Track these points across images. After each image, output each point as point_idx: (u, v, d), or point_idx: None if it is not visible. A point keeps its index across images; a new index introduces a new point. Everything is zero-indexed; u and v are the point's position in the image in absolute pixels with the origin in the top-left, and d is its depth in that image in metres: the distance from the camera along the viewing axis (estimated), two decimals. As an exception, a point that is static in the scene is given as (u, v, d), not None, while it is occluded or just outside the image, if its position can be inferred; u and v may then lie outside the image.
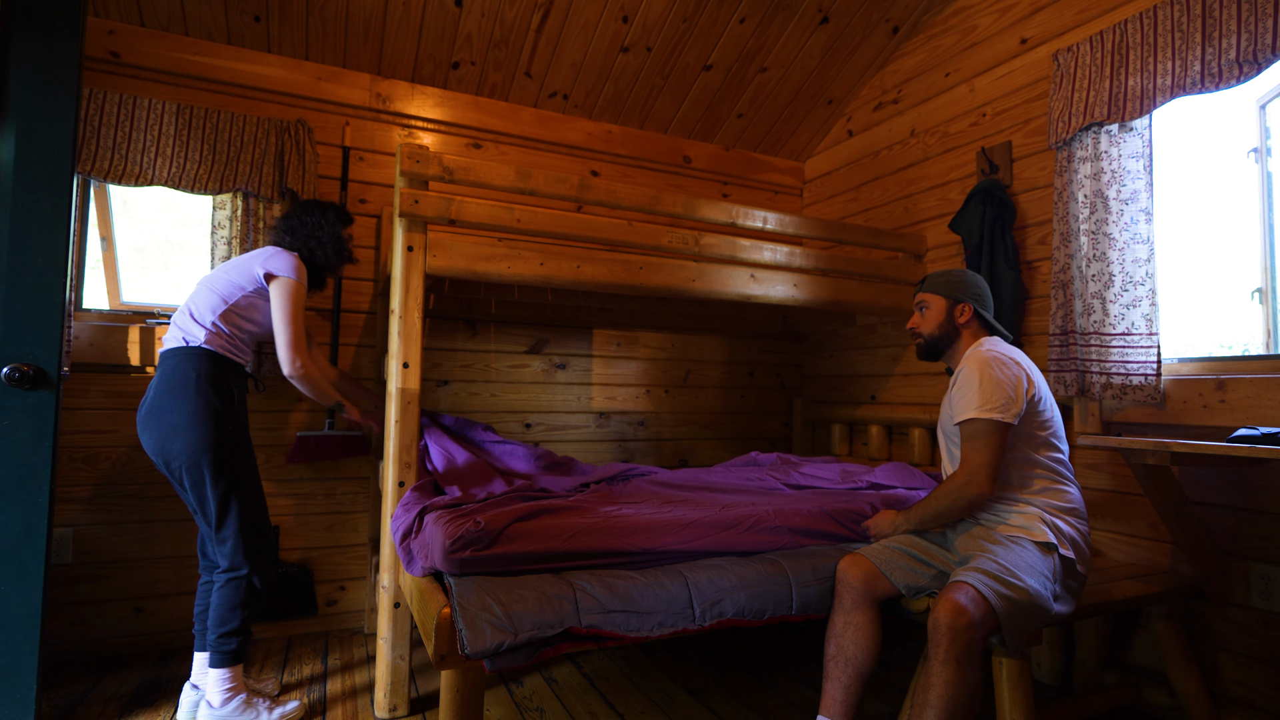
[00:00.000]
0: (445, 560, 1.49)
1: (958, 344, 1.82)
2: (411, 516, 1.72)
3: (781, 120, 3.42)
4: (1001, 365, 1.64)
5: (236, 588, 1.84)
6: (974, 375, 1.64)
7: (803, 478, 2.44)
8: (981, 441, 1.60)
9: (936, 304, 1.83)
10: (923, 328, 1.85)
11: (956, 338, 1.81)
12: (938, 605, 1.44)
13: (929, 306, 1.84)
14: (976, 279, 1.84)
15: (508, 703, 2.08)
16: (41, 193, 1.59)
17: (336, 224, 2.11)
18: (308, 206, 2.11)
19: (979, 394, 1.61)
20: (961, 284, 1.81)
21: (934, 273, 1.88)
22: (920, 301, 1.87)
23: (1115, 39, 2.08)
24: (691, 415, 3.41)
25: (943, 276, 1.85)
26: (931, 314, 1.84)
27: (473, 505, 1.72)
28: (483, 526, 1.51)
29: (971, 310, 1.79)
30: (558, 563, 1.58)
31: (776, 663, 2.42)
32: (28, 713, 1.55)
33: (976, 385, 1.62)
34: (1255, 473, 1.87)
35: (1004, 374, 1.62)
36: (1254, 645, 1.86)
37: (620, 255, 2.21)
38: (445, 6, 2.59)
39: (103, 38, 2.42)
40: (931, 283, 1.85)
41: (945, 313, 1.81)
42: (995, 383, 1.61)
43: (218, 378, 1.84)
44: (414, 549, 1.65)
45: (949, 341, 1.82)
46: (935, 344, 1.83)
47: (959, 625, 1.39)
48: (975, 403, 1.61)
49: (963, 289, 1.81)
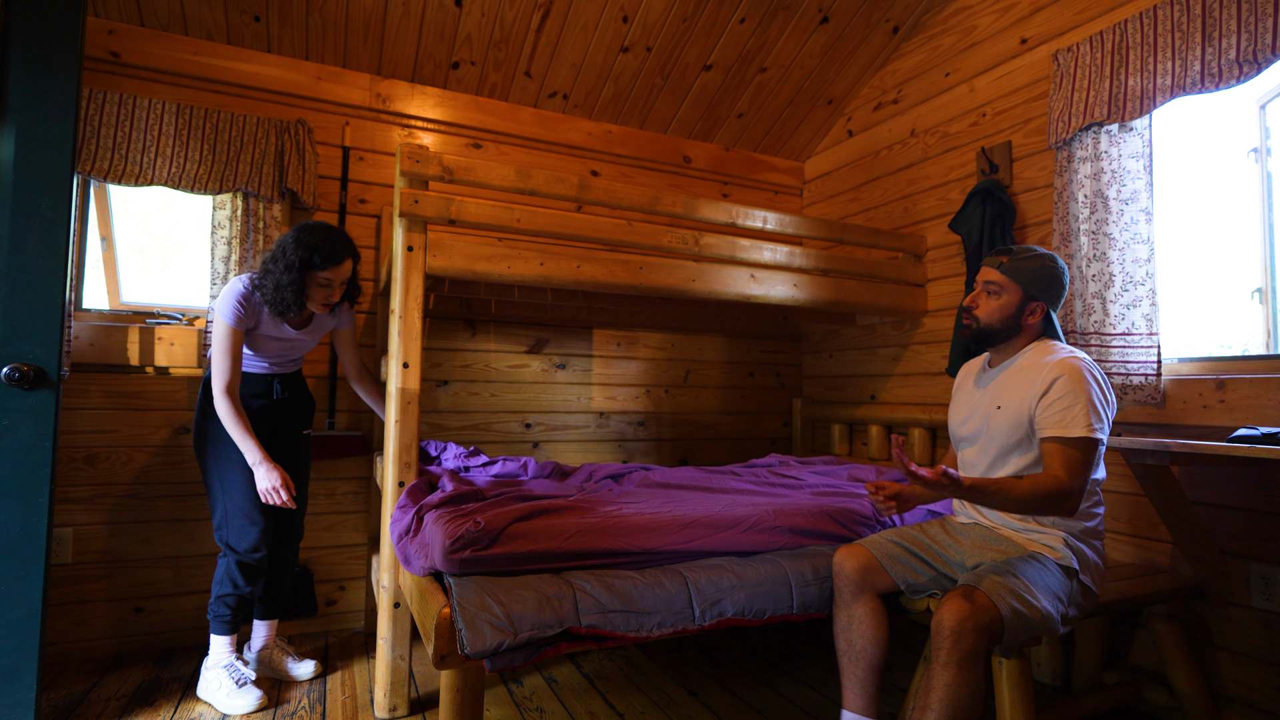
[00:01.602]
0: (445, 560, 1.49)
1: (1014, 340, 1.64)
2: (410, 516, 1.72)
3: (781, 120, 3.42)
4: (1101, 383, 1.50)
5: (220, 566, 2.07)
6: (1079, 388, 1.47)
7: (803, 477, 2.44)
8: (1084, 460, 1.45)
9: (1011, 293, 1.60)
10: (982, 313, 1.64)
11: (1016, 334, 1.63)
12: (943, 606, 1.41)
13: (1001, 293, 1.61)
14: (1063, 274, 1.61)
15: (508, 703, 2.08)
16: (41, 193, 1.59)
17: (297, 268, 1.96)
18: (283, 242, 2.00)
19: (1089, 411, 1.45)
20: (1047, 280, 1.59)
21: (1021, 251, 1.62)
22: (992, 283, 1.62)
23: (1115, 39, 2.08)
24: (691, 415, 3.41)
25: (1031, 262, 1.60)
26: (1001, 303, 1.61)
27: (472, 505, 1.72)
28: (483, 526, 1.51)
29: (1043, 312, 1.62)
30: (558, 562, 1.58)
31: (776, 663, 2.42)
32: (28, 713, 1.55)
33: (1086, 400, 1.46)
34: (1255, 473, 1.87)
35: (1107, 394, 1.50)
36: (1254, 645, 1.86)
37: (620, 255, 2.21)
38: (445, 6, 2.59)
39: (103, 38, 2.42)
40: (1015, 266, 1.60)
41: (1016, 307, 1.61)
42: (1101, 400, 1.48)
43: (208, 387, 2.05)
44: (412, 549, 1.65)
45: (1006, 337, 1.64)
46: (991, 335, 1.64)
47: (964, 629, 1.36)
48: (1085, 420, 1.45)
49: (1045, 287, 1.60)
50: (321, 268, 1.99)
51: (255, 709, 2.00)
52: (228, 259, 2.46)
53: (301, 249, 1.96)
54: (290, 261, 1.96)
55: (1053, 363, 1.53)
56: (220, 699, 2.01)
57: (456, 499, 1.76)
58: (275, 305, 1.98)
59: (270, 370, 2.18)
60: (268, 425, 2.17)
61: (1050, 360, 1.54)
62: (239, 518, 2.04)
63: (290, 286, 1.96)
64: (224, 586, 2.05)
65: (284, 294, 1.97)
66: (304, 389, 2.31)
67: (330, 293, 2.06)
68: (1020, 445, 1.59)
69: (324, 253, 1.98)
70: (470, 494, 1.82)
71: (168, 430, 2.48)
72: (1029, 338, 1.64)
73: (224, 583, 2.05)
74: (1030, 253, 1.61)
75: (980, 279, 1.66)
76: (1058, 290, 1.61)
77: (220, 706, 2.01)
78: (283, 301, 1.97)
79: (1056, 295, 1.61)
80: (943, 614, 1.40)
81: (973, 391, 1.74)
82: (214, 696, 2.03)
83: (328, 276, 2.01)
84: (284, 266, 1.96)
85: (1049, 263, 1.60)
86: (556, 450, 3.10)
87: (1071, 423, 1.46)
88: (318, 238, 1.98)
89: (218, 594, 2.06)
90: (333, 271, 2.01)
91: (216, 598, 2.06)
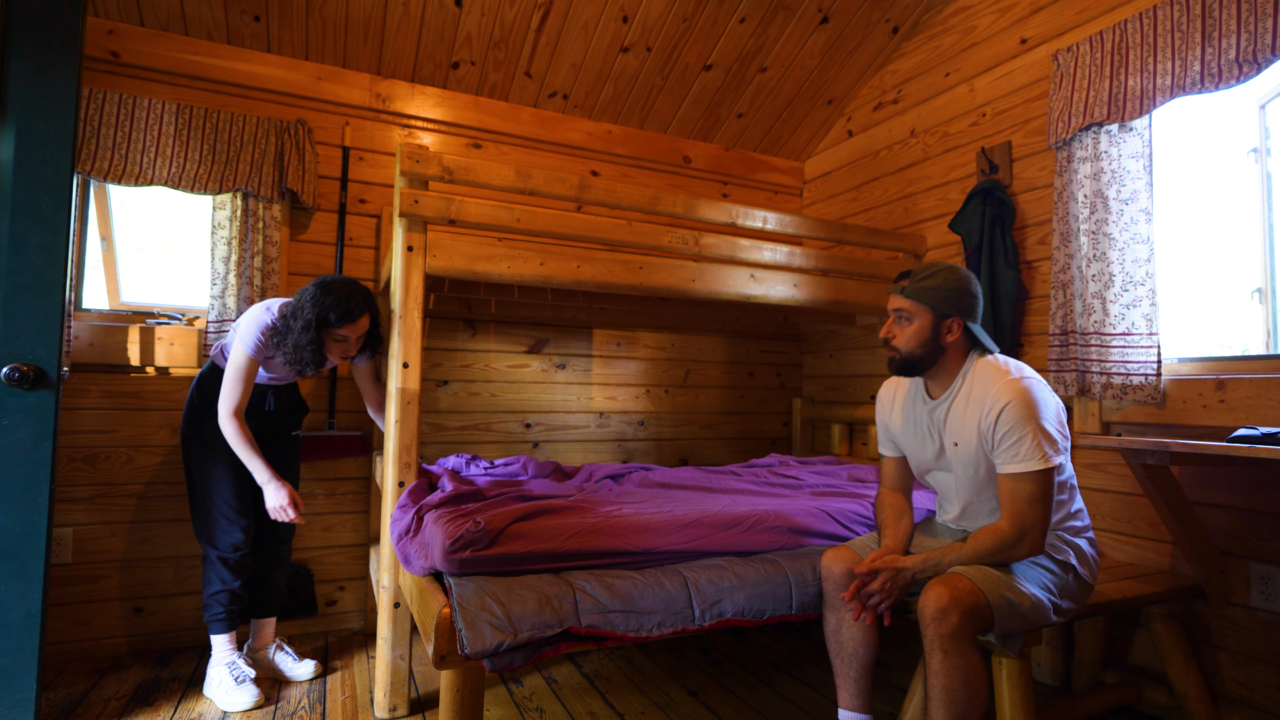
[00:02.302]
0: (445, 560, 1.49)
1: (942, 362, 1.57)
2: (410, 516, 1.72)
3: (781, 120, 3.42)
4: (1046, 400, 1.46)
5: (204, 566, 2.10)
6: (1028, 414, 1.42)
7: (802, 478, 2.44)
8: (1041, 494, 1.42)
9: (921, 317, 1.54)
10: (900, 342, 1.57)
11: (940, 356, 1.56)
12: (925, 594, 1.41)
13: (910, 318, 1.55)
14: (969, 282, 1.56)
15: (508, 703, 2.08)
16: (41, 193, 1.59)
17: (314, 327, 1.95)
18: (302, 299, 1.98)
19: (1040, 440, 1.41)
20: (954, 295, 1.53)
21: (919, 271, 1.56)
22: (899, 310, 1.57)
23: (1115, 39, 2.08)
24: (691, 415, 3.41)
25: (930, 280, 1.54)
26: (913, 329, 1.55)
27: (472, 505, 1.72)
28: (482, 527, 1.51)
29: (961, 327, 1.54)
30: (558, 563, 1.58)
31: (776, 663, 2.42)
32: (28, 713, 1.55)
33: (1035, 428, 1.42)
34: (1255, 473, 1.87)
35: (1053, 412, 1.46)
36: (1254, 645, 1.86)
37: (620, 255, 2.21)
38: (445, 6, 2.59)
39: (103, 37, 2.42)
40: (916, 289, 1.54)
41: (930, 330, 1.54)
42: (1050, 423, 1.44)
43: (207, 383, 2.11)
44: (412, 549, 1.65)
45: (931, 361, 1.57)
46: (915, 364, 1.57)
47: (945, 613, 1.36)
48: (1037, 453, 1.41)
49: (954, 301, 1.53)
50: (338, 325, 1.98)
51: (252, 706, 2.00)
52: (227, 259, 2.46)
53: (318, 307, 1.95)
54: (308, 320, 1.94)
55: (996, 389, 1.47)
56: (220, 696, 2.03)
57: (456, 499, 1.76)
58: (294, 364, 1.98)
59: (268, 382, 2.19)
60: (258, 426, 2.18)
61: (994, 388, 1.48)
62: (222, 517, 2.07)
63: (308, 346, 1.96)
64: (213, 585, 2.08)
65: (303, 354, 1.97)
66: (297, 396, 2.32)
67: (346, 347, 2.06)
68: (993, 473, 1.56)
69: (340, 311, 1.96)
70: (470, 494, 1.82)
71: (168, 430, 2.48)
72: (957, 356, 1.57)
73: (211, 582, 2.08)
74: (930, 270, 1.56)
75: (889, 307, 1.61)
76: (969, 301, 1.54)
77: (220, 704, 2.02)
78: (301, 360, 1.98)
79: (969, 306, 1.54)
80: (924, 601, 1.40)
81: (919, 420, 1.66)
82: (215, 694, 2.04)
83: (343, 334, 2.01)
84: (301, 326, 1.95)
85: (951, 276, 1.54)
86: (556, 450, 3.10)
87: (1026, 456, 1.43)
88: (334, 296, 1.96)
89: (209, 594, 2.08)
90: (349, 329, 2.01)
91: (208, 597, 2.08)
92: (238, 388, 2.01)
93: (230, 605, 2.09)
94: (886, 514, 1.73)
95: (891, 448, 1.79)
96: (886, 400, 1.79)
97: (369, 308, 2.06)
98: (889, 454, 1.80)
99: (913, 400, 1.69)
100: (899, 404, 1.75)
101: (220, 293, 2.45)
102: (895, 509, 1.73)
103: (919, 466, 1.73)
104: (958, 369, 1.58)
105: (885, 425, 1.79)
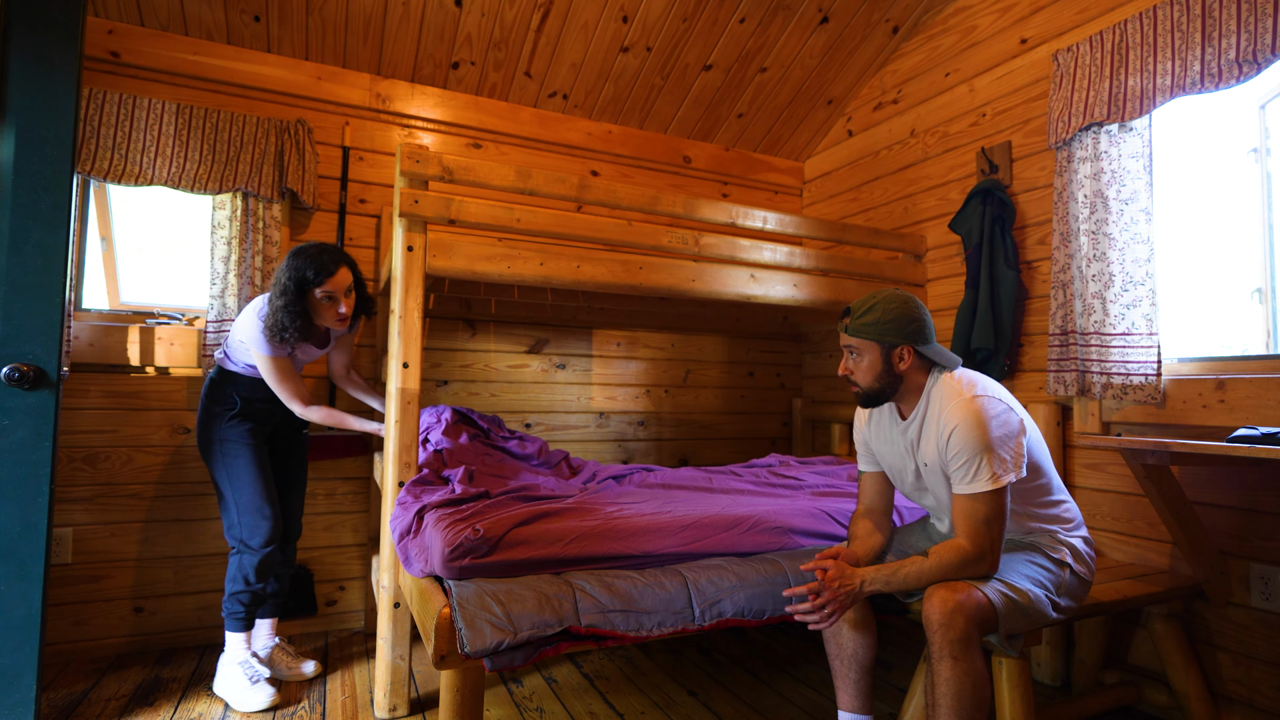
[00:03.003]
0: (445, 567, 1.49)
1: (904, 388, 1.59)
2: (410, 516, 1.72)
3: (781, 120, 3.42)
4: (997, 417, 1.46)
5: (233, 563, 2.07)
6: (975, 434, 1.44)
7: (802, 478, 2.44)
8: (994, 514, 1.43)
9: (869, 352, 1.56)
10: (858, 377, 1.59)
11: (900, 383, 1.58)
12: (929, 599, 1.40)
13: (861, 354, 1.57)
14: (910, 307, 1.55)
15: (508, 702, 2.08)
16: (41, 193, 1.59)
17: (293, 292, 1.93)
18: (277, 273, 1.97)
19: (989, 461, 1.42)
20: (895, 324, 1.53)
21: (857, 308, 1.58)
22: (849, 346, 1.59)
23: (1115, 39, 2.08)
24: (691, 415, 3.41)
25: (868, 315, 1.55)
26: (866, 363, 1.57)
27: (473, 506, 1.72)
28: (482, 535, 1.51)
29: (912, 353, 1.55)
30: (558, 568, 1.58)
31: (776, 663, 2.42)
32: (28, 713, 1.55)
33: (984, 450, 1.43)
34: (1255, 473, 1.87)
35: (1005, 429, 1.46)
36: (1254, 645, 1.86)
37: (620, 255, 2.21)
38: (445, 6, 2.59)
39: (103, 38, 2.42)
40: (858, 326, 1.56)
41: (881, 361, 1.56)
42: (1000, 442, 1.44)
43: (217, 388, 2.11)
44: (413, 549, 1.65)
45: (892, 390, 1.58)
46: (879, 395, 1.59)
47: (951, 619, 1.36)
48: (986, 473, 1.42)
49: (897, 329, 1.53)
50: (317, 282, 1.94)
51: (268, 706, 2.00)
52: (227, 259, 2.46)
53: (293, 271, 1.93)
54: (285, 286, 1.92)
55: (949, 410, 1.49)
56: (234, 695, 2.02)
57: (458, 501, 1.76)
58: (276, 333, 1.93)
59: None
60: (272, 423, 2.19)
61: (948, 409, 1.49)
62: (250, 514, 2.05)
63: (285, 310, 1.91)
64: (237, 584, 2.06)
65: (280, 318, 1.92)
66: None
67: (338, 306, 2.02)
68: None
69: (316, 267, 1.93)
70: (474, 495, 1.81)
71: (168, 430, 2.48)
72: (918, 378, 1.58)
73: (236, 580, 2.06)
74: (869, 305, 1.57)
75: (840, 344, 1.66)
76: (914, 326, 1.54)
77: (234, 703, 2.02)
78: (281, 327, 1.92)
79: (915, 331, 1.54)
80: (929, 607, 1.39)
81: (895, 440, 1.67)
82: (228, 693, 2.04)
83: (328, 290, 1.97)
84: (279, 292, 1.92)
85: (890, 306, 1.55)
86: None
87: (976, 477, 1.44)
88: (305, 257, 1.95)
89: (231, 591, 2.06)
90: (330, 284, 1.97)
91: (230, 595, 2.07)
92: (287, 385, 2.04)
93: (251, 605, 2.08)
94: (858, 528, 1.71)
95: (870, 462, 1.76)
96: (863, 417, 1.78)
97: (344, 260, 2.02)
98: (868, 469, 1.77)
99: (889, 420, 1.69)
100: (877, 422, 1.74)
101: (220, 292, 2.45)
102: (865, 528, 1.71)
103: (903, 488, 1.71)
104: (921, 388, 1.59)
105: (865, 441, 1.77)
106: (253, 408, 2.13)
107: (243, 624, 2.08)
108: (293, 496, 2.27)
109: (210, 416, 2.09)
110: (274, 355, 2.00)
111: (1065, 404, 2.26)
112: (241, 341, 2.05)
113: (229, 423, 2.08)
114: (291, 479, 2.27)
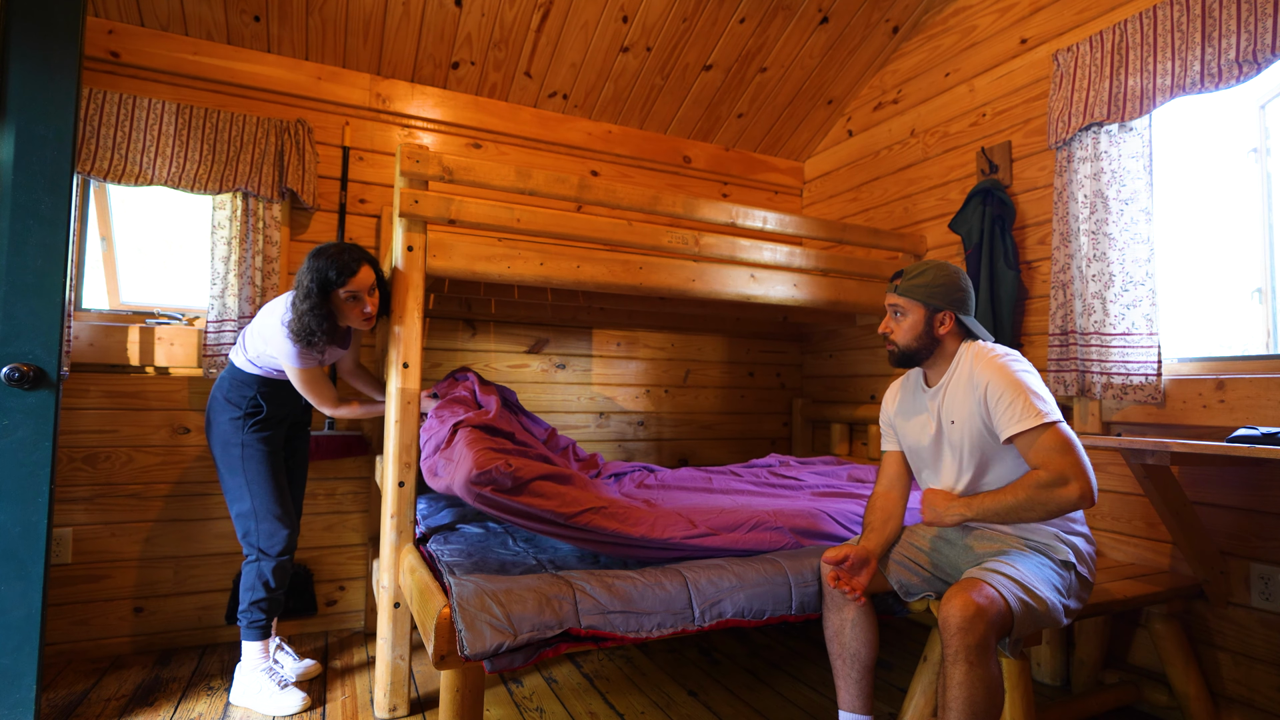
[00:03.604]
0: (465, 488, 1.52)
1: (938, 353, 1.67)
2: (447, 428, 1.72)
3: (781, 120, 3.42)
4: (1026, 370, 1.54)
5: (250, 571, 2.04)
6: (1010, 381, 1.50)
7: (803, 478, 2.44)
8: (1058, 444, 1.44)
9: (914, 312, 1.65)
10: (897, 336, 1.68)
11: (936, 347, 1.66)
12: (948, 602, 1.38)
13: (905, 314, 1.66)
14: (959, 277, 1.66)
15: (508, 703, 2.08)
16: (41, 193, 1.59)
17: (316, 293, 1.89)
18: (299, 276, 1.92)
19: (1030, 399, 1.47)
20: (943, 289, 1.63)
21: (911, 270, 1.67)
22: (894, 306, 1.68)
23: (1115, 39, 2.08)
24: (691, 415, 3.41)
25: (920, 278, 1.65)
26: (908, 323, 1.65)
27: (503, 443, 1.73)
28: (513, 470, 1.53)
29: (953, 320, 1.64)
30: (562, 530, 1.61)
31: (776, 663, 2.42)
32: (28, 713, 1.55)
33: (1022, 391, 1.48)
34: (1255, 473, 1.87)
35: (1034, 377, 1.53)
36: (1254, 645, 1.86)
37: (620, 255, 2.21)
38: (445, 6, 2.59)
39: (103, 37, 2.42)
40: (908, 286, 1.66)
41: (924, 323, 1.64)
42: (1033, 387, 1.50)
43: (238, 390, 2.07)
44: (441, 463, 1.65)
45: (928, 353, 1.67)
46: (912, 355, 1.67)
47: (971, 623, 1.33)
48: (1032, 410, 1.46)
49: (944, 295, 1.63)
50: (340, 283, 1.89)
51: (300, 709, 1.98)
52: (227, 259, 2.46)
53: (315, 273, 1.88)
54: (308, 289, 1.87)
55: (980, 368, 1.57)
56: (263, 702, 1.99)
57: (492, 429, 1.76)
58: (304, 338, 1.88)
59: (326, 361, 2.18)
60: (289, 420, 2.17)
61: (979, 367, 1.57)
62: (269, 520, 2.02)
63: (309, 313, 1.87)
64: (256, 592, 2.02)
65: (305, 321, 1.87)
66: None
67: (362, 305, 1.96)
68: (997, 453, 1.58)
69: (338, 268, 1.89)
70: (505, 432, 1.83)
71: (168, 430, 2.48)
72: (952, 346, 1.66)
73: (256, 588, 2.02)
74: (921, 269, 1.67)
75: (885, 304, 1.72)
76: (959, 295, 1.64)
77: (263, 710, 1.98)
78: (309, 331, 1.88)
79: (960, 300, 1.64)
80: (948, 610, 1.37)
81: (919, 408, 1.73)
82: (255, 700, 2.00)
83: (352, 290, 1.92)
84: (303, 295, 1.88)
85: (941, 272, 1.65)
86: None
87: (1023, 414, 1.48)
88: (327, 257, 1.90)
89: (251, 600, 2.02)
90: (354, 283, 1.91)
91: (250, 604, 2.02)
92: (321, 390, 2.05)
93: (271, 612, 2.06)
94: (875, 515, 1.76)
95: (892, 440, 1.84)
96: (890, 398, 1.87)
97: (366, 258, 1.97)
98: (890, 447, 1.84)
99: (912, 392, 1.78)
100: (898, 397, 1.83)
101: (220, 292, 2.45)
102: (884, 512, 1.76)
103: (916, 455, 1.76)
104: (952, 358, 1.67)
105: (889, 422, 1.84)
106: (275, 410, 2.09)
107: (261, 632, 2.04)
108: (294, 496, 2.27)
109: (231, 419, 2.04)
110: (305, 368, 1.96)
111: (1065, 404, 2.26)
112: (272, 356, 1.99)
113: (252, 428, 2.03)
114: (292, 479, 2.27)
